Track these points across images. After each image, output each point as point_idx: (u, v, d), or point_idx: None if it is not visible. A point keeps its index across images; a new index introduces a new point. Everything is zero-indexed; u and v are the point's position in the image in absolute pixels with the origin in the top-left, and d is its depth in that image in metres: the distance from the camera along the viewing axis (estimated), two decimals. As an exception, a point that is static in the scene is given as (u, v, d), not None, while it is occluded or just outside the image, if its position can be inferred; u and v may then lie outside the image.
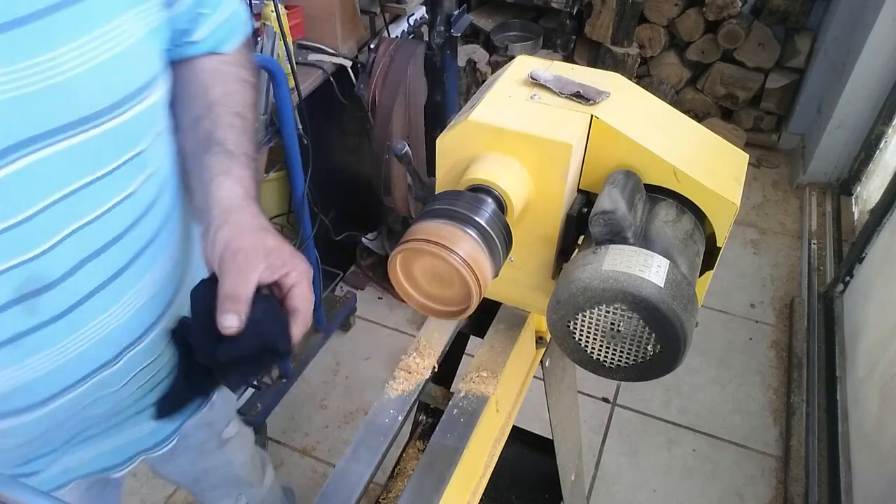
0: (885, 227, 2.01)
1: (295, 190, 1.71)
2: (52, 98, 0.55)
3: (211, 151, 0.75)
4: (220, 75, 0.80)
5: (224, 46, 0.80)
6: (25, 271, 0.60)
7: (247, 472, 1.25)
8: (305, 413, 2.07)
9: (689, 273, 0.66)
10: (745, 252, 2.61)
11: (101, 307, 0.69)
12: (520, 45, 2.83)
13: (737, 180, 0.71)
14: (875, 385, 1.71)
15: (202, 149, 0.75)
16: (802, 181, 2.84)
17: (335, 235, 2.08)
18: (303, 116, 1.65)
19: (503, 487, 1.40)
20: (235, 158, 0.76)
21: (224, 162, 0.74)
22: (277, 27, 1.51)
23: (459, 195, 0.65)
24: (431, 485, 0.71)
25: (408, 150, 0.71)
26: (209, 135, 0.76)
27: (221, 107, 0.79)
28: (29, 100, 0.53)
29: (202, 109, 0.78)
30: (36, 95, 0.54)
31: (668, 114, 0.76)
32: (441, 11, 1.72)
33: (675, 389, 2.12)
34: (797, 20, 2.70)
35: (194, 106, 0.78)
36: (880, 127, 2.49)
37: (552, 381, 1.00)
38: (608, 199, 0.65)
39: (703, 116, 3.05)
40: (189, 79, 0.78)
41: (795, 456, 1.87)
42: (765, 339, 2.28)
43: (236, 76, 0.82)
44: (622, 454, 1.96)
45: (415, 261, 0.65)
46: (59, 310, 0.65)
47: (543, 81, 0.72)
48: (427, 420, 1.12)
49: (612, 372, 0.68)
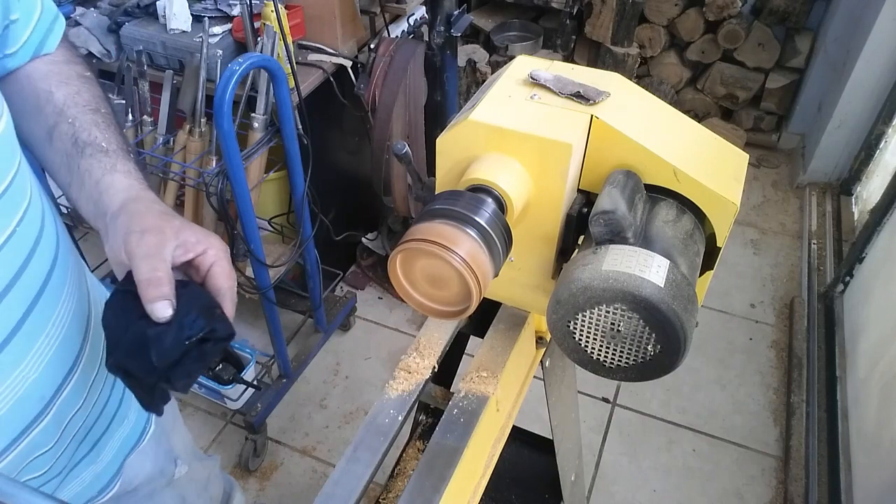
0: (885, 227, 2.01)
1: (295, 190, 1.71)
2: None
3: (84, 154, 0.70)
4: (57, 77, 0.74)
5: (45, 47, 0.74)
6: None
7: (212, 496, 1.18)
8: (305, 413, 2.08)
9: (689, 273, 0.66)
10: (745, 252, 2.61)
11: (13, 362, 0.64)
12: (520, 45, 2.83)
13: (737, 180, 0.71)
14: (875, 385, 1.71)
15: (72, 155, 0.71)
16: (802, 181, 2.84)
17: (335, 235, 2.08)
18: (303, 116, 1.65)
19: (503, 487, 1.40)
20: (113, 154, 0.71)
21: (103, 161, 0.70)
22: (277, 27, 1.51)
23: (459, 195, 0.65)
24: (431, 485, 0.71)
25: (408, 150, 0.71)
26: (74, 139, 0.71)
27: (74, 108, 0.73)
28: None
29: (53, 117, 0.72)
30: None
31: (668, 114, 0.76)
32: (441, 11, 1.72)
33: (675, 389, 2.12)
34: (797, 20, 2.70)
35: (42, 117, 0.72)
36: (880, 127, 2.49)
37: (552, 381, 1.00)
38: (608, 199, 0.65)
39: (703, 116, 3.05)
40: (23, 91, 0.73)
41: (795, 456, 1.87)
42: (765, 339, 2.28)
43: (74, 73, 0.76)
44: (622, 454, 1.96)
45: (415, 261, 0.65)
46: None
47: (543, 81, 0.72)
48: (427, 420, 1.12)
49: (612, 372, 0.68)
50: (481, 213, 0.64)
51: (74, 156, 0.70)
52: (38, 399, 0.68)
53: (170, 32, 1.66)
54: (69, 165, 0.70)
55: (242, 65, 1.33)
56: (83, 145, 0.70)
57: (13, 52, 0.71)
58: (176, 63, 1.68)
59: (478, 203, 0.64)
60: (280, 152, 1.68)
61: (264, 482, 1.91)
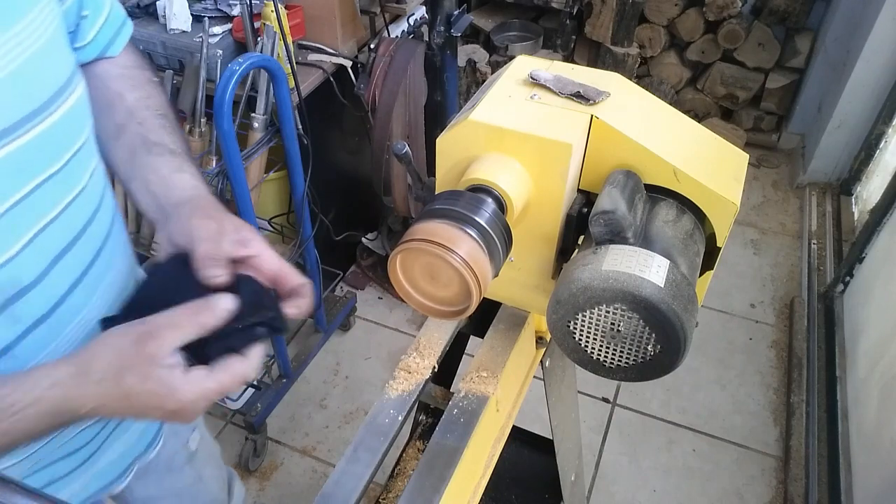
0: (885, 227, 2.01)
1: (295, 190, 1.71)
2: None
3: (153, 153, 0.74)
4: (129, 80, 0.79)
5: (111, 49, 0.78)
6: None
7: (218, 489, 1.21)
8: (305, 413, 2.08)
9: (689, 273, 0.66)
10: (745, 252, 2.61)
11: (78, 305, 0.69)
12: (520, 45, 2.83)
13: (737, 180, 0.71)
14: (875, 385, 1.71)
15: (139, 152, 0.74)
16: (802, 181, 2.84)
17: (335, 235, 2.08)
18: (303, 116, 1.65)
19: (503, 487, 1.40)
20: (180, 156, 0.75)
21: (171, 161, 0.74)
22: (277, 27, 1.51)
23: (459, 195, 0.65)
24: (431, 485, 0.71)
25: (408, 150, 0.71)
26: (143, 138, 0.75)
27: (144, 111, 0.78)
28: None
29: (123, 116, 0.77)
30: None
31: (668, 114, 0.76)
32: (441, 11, 1.72)
33: (675, 389, 2.12)
34: (797, 20, 2.70)
35: (112, 114, 0.76)
36: (880, 127, 2.49)
37: (552, 381, 1.00)
38: (608, 199, 0.65)
39: (703, 116, 3.05)
40: (95, 90, 0.76)
41: (795, 456, 1.87)
42: (765, 339, 2.28)
43: (144, 78, 0.81)
44: (622, 454, 1.96)
45: (415, 261, 0.65)
46: (39, 313, 0.65)
47: (543, 81, 0.72)
48: (427, 420, 1.12)
49: (612, 372, 0.68)
50: (481, 213, 0.64)
51: (142, 153, 0.74)
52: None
53: (170, 32, 1.66)
54: (133, 161, 0.74)
55: (242, 65, 1.33)
56: (151, 145, 0.74)
57: (81, 47, 0.75)
58: (176, 63, 1.68)
59: (478, 203, 0.64)
60: (280, 152, 1.68)
61: (264, 482, 1.91)
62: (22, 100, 0.59)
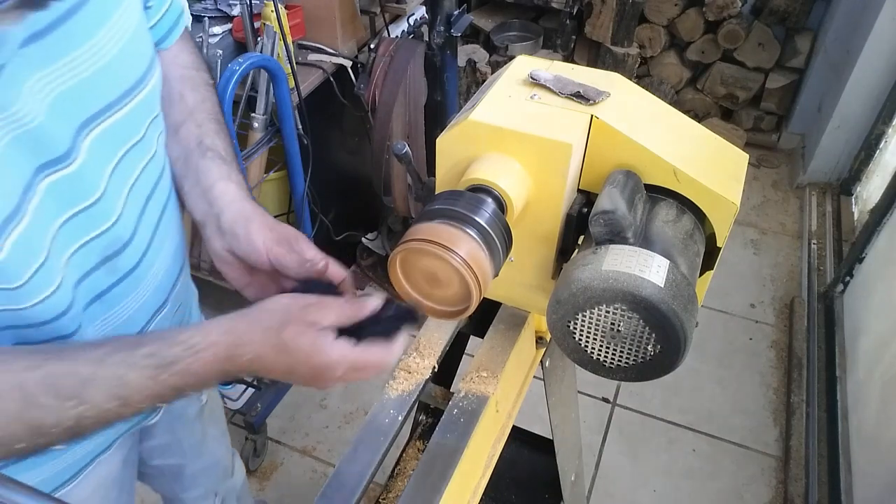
0: (885, 227, 2.01)
1: (295, 190, 1.72)
2: (100, 80, 0.63)
3: (206, 157, 0.80)
4: (190, 82, 0.84)
5: (166, 42, 0.81)
6: (107, 238, 0.68)
7: (221, 454, 1.26)
8: (305, 413, 2.08)
9: (689, 273, 0.66)
10: (745, 252, 2.61)
11: (153, 257, 0.77)
12: (520, 45, 2.83)
13: (737, 180, 0.71)
14: (875, 385, 1.71)
15: (194, 154, 0.80)
16: (802, 181, 2.84)
17: (335, 235, 2.08)
18: (303, 116, 1.65)
19: (503, 487, 1.40)
20: (229, 164, 0.81)
21: (222, 167, 0.80)
22: (277, 27, 1.51)
23: (459, 195, 0.65)
24: (431, 485, 0.71)
25: (408, 150, 0.71)
26: (199, 140, 0.81)
27: (201, 114, 0.83)
28: (87, 83, 0.61)
29: (182, 115, 0.82)
30: (90, 80, 0.61)
31: (668, 114, 0.76)
32: (441, 11, 1.72)
33: (675, 389, 2.12)
34: (797, 20, 2.70)
35: (173, 111, 0.81)
36: (880, 127, 2.49)
37: (552, 381, 1.00)
38: (608, 199, 0.65)
39: (703, 116, 3.05)
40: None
41: (795, 456, 1.87)
42: (765, 339, 2.28)
43: (202, 81, 0.86)
44: (622, 454, 1.96)
45: (415, 261, 0.65)
46: (130, 264, 0.73)
47: (543, 81, 0.72)
48: (427, 420, 1.12)
49: (612, 372, 0.68)
50: (481, 213, 0.64)
51: (196, 154, 0.80)
52: (163, 292, 0.81)
53: (170, 32, 1.66)
54: (188, 160, 0.81)
55: (242, 65, 1.33)
56: (205, 149, 0.81)
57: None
58: (176, 63, 1.68)
59: (478, 203, 0.64)
60: (280, 152, 1.68)
61: (264, 482, 1.91)
62: (121, 79, 0.66)
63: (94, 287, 0.70)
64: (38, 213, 0.58)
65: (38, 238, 0.59)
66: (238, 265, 0.77)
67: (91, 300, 0.70)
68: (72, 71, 0.60)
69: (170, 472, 1.17)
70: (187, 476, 1.19)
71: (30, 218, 0.57)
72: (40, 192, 0.59)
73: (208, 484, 1.26)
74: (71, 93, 0.60)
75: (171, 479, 1.19)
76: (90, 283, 0.69)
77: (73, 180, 0.62)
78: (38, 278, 0.59)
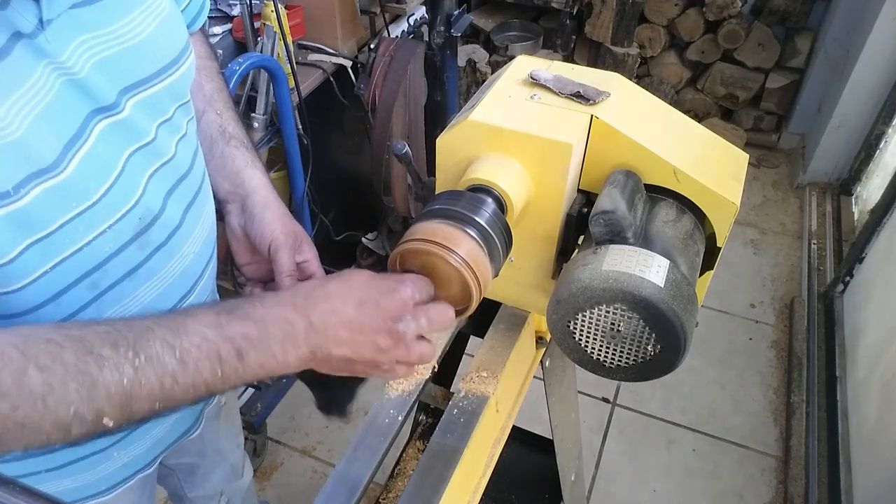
0: (885, 227, 2.01)
1: (295, 190, 1.71)
2: (138, 54, 0.66)
3: (230, 144, 0.85)
4: (206, 71, 0.87)
5: (190, 28, 0.82)
6: (139, 211, 0.68)
7: (235, 454, 1.26)
8: (305, 413, 2.07)
9: (689, 273, 0.66)
10: (745, 252, 2.61)
11: (185, 235, 0.78)
12: (520, 45, 2.83)
13: (737, 180, 0.72)
14: (875, 385, 1.71)
15: (217, 140, 0.85)
16: (802, 181, 2.84)
17: (335, 235, 2.08)
18: (303, 116, 1.65)
19: (503, 487, 1.40)
20: (252, 152, 0.86)
21: (246, 155, 0.85)
22: (277, 27, 1.51)
23: (459, 195, 0.65)
24: (431, 485, 0.71)
25: (408, 150, 0.71)
26: (222, 129, 0.85)
27: (219, 103, 0.87)
28: (126, 54, 0.64)
29: (202, 104, 0.85)
30: (129, 51, 0.64)
31: (668, 114, 0.76)
32: (441, 11, 1.72)
33: (675, 389, 2.12)
34: (797, 20, 2.70)
35: (194, 99, 0.82)
36: (880, 127, 2.48)
37: (552, 381, 1.00)
38: (608, 199, 0.65)
39: (703, 116, 3.05)
40: None
41: (795, 456, 1.87)
42: (765, 339, 2.28)
43: (215, 70, 0.89)
44: (622, 454, 1.96)
45: (415, 261, 0.65)
46: (160, 239, 0.73)
47: (543, 81, 0.72)
48: (427, 420, 1.12)
49: (612, 372, 0.68)
50: (481, 213, 0.64)
51: (220, 142, 0.85)
52: (192, 275, 0.81)
53: (170, 32, 1.66)
54: (212, 148, 0.85)
55: (242, 65, 1.33)
56: (229, 136, 0.85)
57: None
58: (176, 63, 1.68)
59: (478, 203, 0.64)
60: (280, 152, 1.68)
61: (264, 482, 1.91)
62: (157, 57, 0.68)
63: (126, 262, 0.70)
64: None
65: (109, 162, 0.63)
66: (246, 243, 0.83)
67: (124, 275, 0.71)
68: (113, 41, 0.63)
69: (182, 471, 1.18)
70: (199, 475, 1.19)
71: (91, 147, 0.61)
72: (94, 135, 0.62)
73: (217, 484, 1.26)
74: (111, 59, 0.62)
75: (182, 478, 1.19)
76: (125, 256, 0.70)
77: (126, 125, 0.65)
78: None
